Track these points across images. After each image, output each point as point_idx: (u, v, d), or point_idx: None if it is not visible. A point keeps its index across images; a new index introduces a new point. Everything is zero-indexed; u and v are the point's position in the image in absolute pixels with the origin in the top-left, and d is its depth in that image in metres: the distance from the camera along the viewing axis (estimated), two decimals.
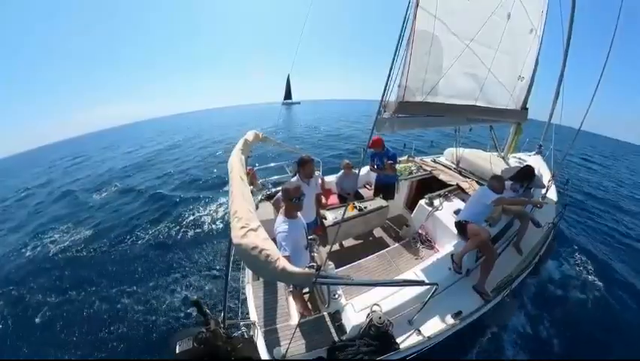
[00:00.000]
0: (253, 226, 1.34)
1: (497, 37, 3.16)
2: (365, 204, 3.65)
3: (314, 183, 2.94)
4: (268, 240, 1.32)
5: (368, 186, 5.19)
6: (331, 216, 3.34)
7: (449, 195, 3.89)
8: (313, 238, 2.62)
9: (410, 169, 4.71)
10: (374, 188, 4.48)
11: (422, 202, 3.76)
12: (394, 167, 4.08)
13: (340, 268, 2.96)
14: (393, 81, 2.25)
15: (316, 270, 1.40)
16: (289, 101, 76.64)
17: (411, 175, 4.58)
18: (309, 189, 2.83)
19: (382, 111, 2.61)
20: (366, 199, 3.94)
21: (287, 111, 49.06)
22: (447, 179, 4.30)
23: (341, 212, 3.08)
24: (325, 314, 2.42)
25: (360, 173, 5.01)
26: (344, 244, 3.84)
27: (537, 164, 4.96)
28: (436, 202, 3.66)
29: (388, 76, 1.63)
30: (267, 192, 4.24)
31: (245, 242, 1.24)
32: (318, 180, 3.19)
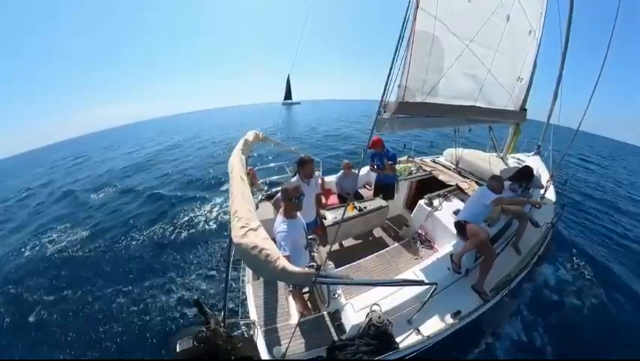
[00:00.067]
0: (253, 226, 1.36)
1: (497, 38, 3.18)
2: (365, 204, 3.66)
3: (314, 183, 2.95)
4: (268, 239, 1.33)
5: (368, 186, 5.20)
6: (331, 216, 3.35)
7: (448, 195, 3.90)
8: (313, 238, 2.63)
9: (410, 169, 4.72)
10: (374, 188, 4.49)
11: (422, 202, 3.77)
12: (394, 167, 4.10)
13: (340, 268, 2.97)
14: (393, 81, 2.26)
15: (316, 270, 1.41)
16: (289, 101, 76.53)
17: (410, 175, 4.59)
18: (309, 189, 2.83)
19: (382, 112, 2.62)
20: (365, 199, 3.95)
21: (287, 111, 48.99)
22: (446, 179, 4.31)
23: (341, 212, 3.09)
24: (325, 314, 2.43)
25: (360, 173, 5.02)
26: (344, 244, 3.85)
27: (536, 164, 4.98)
28: (436, 202, 3.67)
29: (388, 76, 1.63)
30: (267, 192, 4.25)
31: (245, 242, 1.26)
32: (318, 180, 3.20)
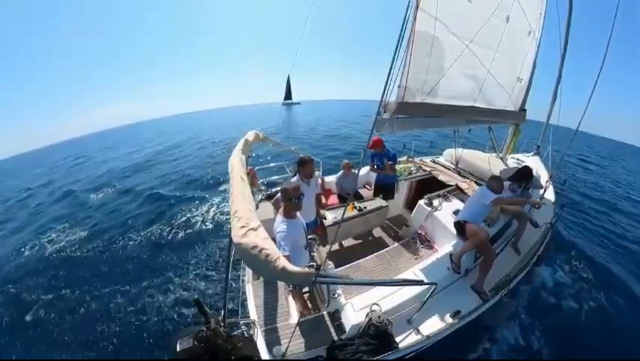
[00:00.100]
0: (253, 226, 1.36)
1: (496, 38, 3.19)
2: (365, 204, 3.66)
3: (314, 183, 2.95)
4: (268, 239, 1.33)
5: (368, 186, 5.20)
6: (331, 216, 3.36)
7: (448, 195, 3.91)
8: (313, 238, 2.63)
9: (410, 170, 4.73)
10: (374, 188, 4.50)
11: (421, 202, 3.77)
12: (394, 167, 4.10)
13: (340, 268, 2.97)
14: (393, 81, 2.27)
15: (316, 269, 1.41)
16: (289, 101, 76.51)
17: (410, 175, 4.60)
18: (309, 189, 2.84)
19: (382, 112, 2.63)
20: (365, 199, 3.96)
21: (287, 112, 49.01)
22: (446, 179, 4.32)
23: (341, 212, 3.10)
24: (325, 314, 2.44)
25: (359, 173, 5.03)
26: (344, 244, 3.86)
27: (535, 165, 4.99)
28: (435, 202, 3.68)
29: (388, 76, 1.62)
30: (267, 192, 4.26)
31: (245, 241, 1.26)
32: (318, 180, 3.20)
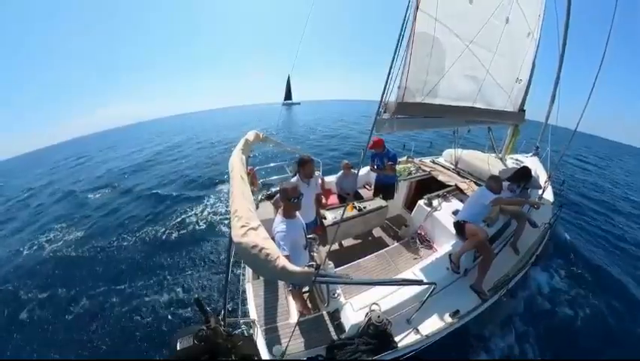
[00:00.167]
0: (253, 225, 1.36)
1: (496, 40, 3.20)
2: (364, 204, 3.67)
3: (314, 183, 2.96)
4: (268, 239, 1.34)
5: (368, 186, 5.21)
6: (331, 216, 3.36)
7: (448, 195, 3.92)
8: (313, 237, 2.63)
9: (409, 170, 4.74)
10: (374, 188, 4.51)
11: (421, 203, 3.78)
12: (394, 167, 4.11)
13: (340, 268, 2.98)
14: (393, 81, 2.27)
15: (315, 269, 1.42)
16: (289, 101, 76.50)
17: (410, 176, 4.61)
18: (309, 189, 2.84)
19: (382, 112, 2.64)
20: (365, 199, 3.97)
21: (287, 112, 49.04)
22: (445, 179, 4.33)
23: (340, 212, 3.10)
24: (324, 313, 2.44)
25: (359, 173, 5.04)
26: (343, 244, 3.87)
27: (534, 165, 5.00)
28: (435, 203, 3.69)
29: (388, 77, 1.62)
30: (267, 192, 4.27)
31: (245, 241, 1.26)
32: (318, 180, 3.20)
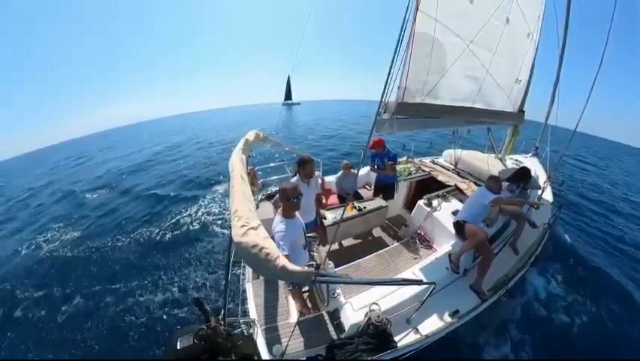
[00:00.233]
0: (253, 225, 1.36)
1: (496, 40, 3.21)
2: (364, 204, 3.68)
3: (314, 183, 2.96)
4: (268, 238, 1.34)
5: (368, 186, 5.22)
6: (331, 216, 3.37)
7: (447, 195, 3.92)
8: (313, 237, 2.64)
9: (409, 170, 4.74)
10: (374, 188, 4.51)
11: (421, 203, 3.78)
12: (394, 167, 4.12)
13: (339, 268, 2.98)
14: (393, 82, 2.28)
15: (315, 269, 1.42)
16: (289, 101, 76.39)
17: (410, 176, 4.62)
18: (309, 189, 2.85)
19: (382, 112, 2.64)
20: (365, 199, 3.97)
21: (287, 112, 49.01)
22: (445, 180, 4.34)
23: (340, 212, 3.10)
24: (324, 313, 2.44)
25: (359, 173, 5.04)
26: (343, 244, 3.87)
27: (533, 165, 5.01)
28: (435, 203, 3.69)
29: (387, 77, 1.62)
30: (267, 191, 4.27)
31: (245, 240, 1.26)
32: (318, 180, 3.21)
